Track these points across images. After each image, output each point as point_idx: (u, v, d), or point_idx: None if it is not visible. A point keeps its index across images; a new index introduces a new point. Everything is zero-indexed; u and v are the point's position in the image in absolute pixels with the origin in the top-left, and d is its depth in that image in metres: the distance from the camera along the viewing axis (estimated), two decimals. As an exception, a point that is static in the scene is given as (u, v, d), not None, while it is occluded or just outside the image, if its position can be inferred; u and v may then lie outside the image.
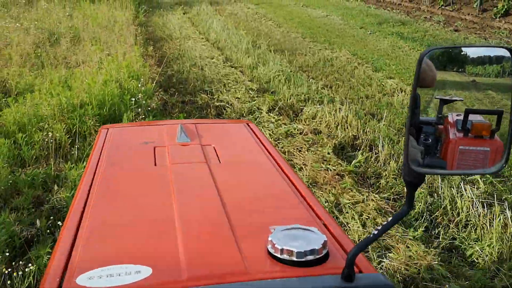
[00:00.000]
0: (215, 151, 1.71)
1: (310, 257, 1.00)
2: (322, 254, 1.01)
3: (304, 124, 5.09)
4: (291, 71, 7.14)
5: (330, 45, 9.55)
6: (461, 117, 0.98)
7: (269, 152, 1.73)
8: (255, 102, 5.64)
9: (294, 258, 0.99)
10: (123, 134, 1.97)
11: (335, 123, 5.07)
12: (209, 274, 1.00)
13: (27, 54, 6.73)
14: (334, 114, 5.27)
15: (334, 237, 1.17)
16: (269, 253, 1.03)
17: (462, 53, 1.03)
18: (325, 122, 5.14)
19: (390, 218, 0.94)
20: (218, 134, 1.98)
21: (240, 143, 1.90)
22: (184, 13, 13.45)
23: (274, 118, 5.25)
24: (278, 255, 1.01)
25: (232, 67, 7.52)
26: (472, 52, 1.03)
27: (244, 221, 1.23)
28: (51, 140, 4.12)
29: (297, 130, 4.87)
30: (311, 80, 6.84)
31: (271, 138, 4.67)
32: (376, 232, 0.95)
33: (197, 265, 1.02)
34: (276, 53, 8.40)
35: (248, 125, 2.06)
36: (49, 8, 10.65)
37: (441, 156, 0.97)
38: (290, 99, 5.88)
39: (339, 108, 5.40)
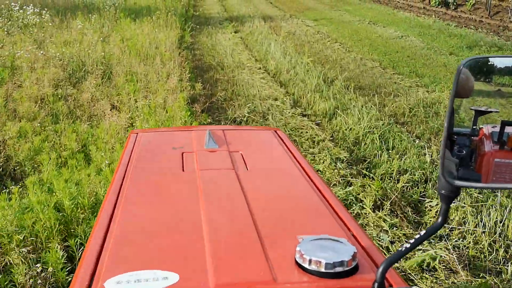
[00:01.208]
0: (243, 158, 1.68)
1: (339, 269, 0.96)
2: (352, 266, 0.98)
3: (437, 240, 3.22)
4: (383, 124, 5.28)
5: (419, 78, 7.60)
6: (497, 129, 0.96)
7: (297, 160, 1.69)
8: (351, 188, 3.81)
9: (323, 269, 0.96)
10: (152, 139, 1.94)
11: (487, 239, 3.18)
12: (237, 282, 0.99)
13: (42, 97, 5.23)
14: (477, 216, 3.38)
15: (363, 248, 1.13)
16: (297, 263, 1.01)
17: (489, 63, 0.99)
18: (469, 233, 3.25)
19: (423, 232, 0.90)
20: (246, 141, 1.95)
21: (268, 151, 1.87)
22: (235, 32, 11.84)
23: (385, 220, 3.41)
24: (306, 266, 0.98)
25: (304, 115, 5.73)
26: (499, 62, 0.99)
27: (272, 229, 1.20)
28: (40, 282, 2.49)
29: (433, 254, 3.00)
30: (416, 141, 4.95)
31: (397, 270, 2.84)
32: (408, 245, 0.90)
33: (225, 273, 1.01)
34: (355, 92, 6.56)
35: (276, 133, 2.02)
36: (84, 28, 9.29)
37: (475, 168, 0.93)
38: (397, 178, 4.04)
39: (482, 204, 3.51)
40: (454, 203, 3.61)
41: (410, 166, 4.22)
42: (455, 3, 17.34)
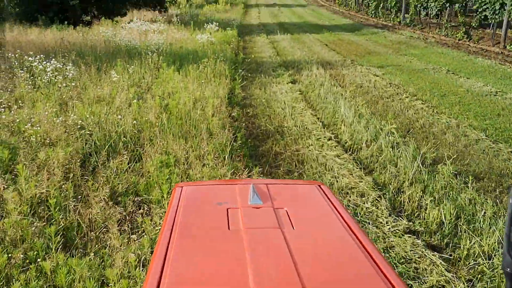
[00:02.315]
0: (288, 215, 1.67)
1: None
2: None
3: None
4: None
5: (550, 160, 5.62)
6: None
7: (342, 218, 1.67)
8: None
9: None
10: (197, 194, 1.94)
11: None
12: None
13: (42, 199, 3.72)
14: None
15: None
16: None
17: None
18: None
19: None
20: (290, 197, 1.92)
21: (313, 207, 1.83)
22: (292, 82, 10.27)
23: None
24: None
25: (413, 231, 3.91)
26: None
27: None
28: None
29: None
30: None
31: None
32: None
33: None
34: (473, 186, 4.68)
35: (320, 187, 2.00)
36: (120, 80, 7.98)
37: None
38: None
39: None
40: None
41: None
42: (538, 48, 15.18)
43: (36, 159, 4.35)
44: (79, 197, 3.88)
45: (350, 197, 4.51)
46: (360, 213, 4.18)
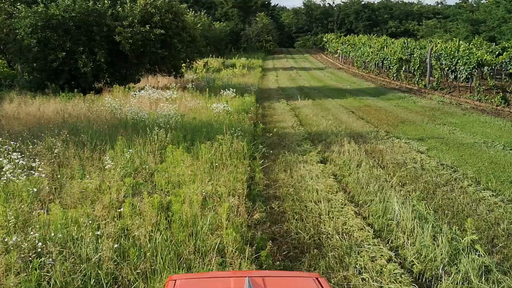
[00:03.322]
0: None
1: None
2: None
3: None
4: None
5: None
6: None
7: None
8: None
9: None
10: None
11: None
12: None
13: None
14: None
15: None
16: None
17: None
18: None
19: None
20: None
21: None
22: (322, 161, 8.68)
23: None
24: None
25: None
26: None
27: None
28: None
29: None
30: None
31: None
32: None
33: None
34: None
35: (318, 280, 1.96)
36: (116, 166, 6.50)
37: None
38: None
39: None
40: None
41: None
42: None
43: None
44: None
45: None
46: None
